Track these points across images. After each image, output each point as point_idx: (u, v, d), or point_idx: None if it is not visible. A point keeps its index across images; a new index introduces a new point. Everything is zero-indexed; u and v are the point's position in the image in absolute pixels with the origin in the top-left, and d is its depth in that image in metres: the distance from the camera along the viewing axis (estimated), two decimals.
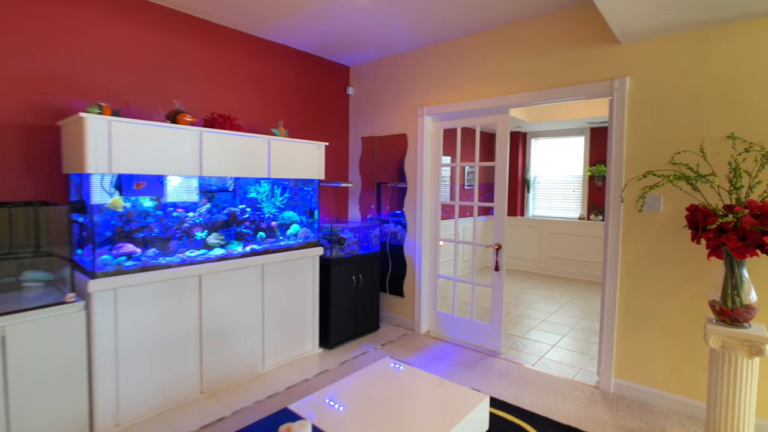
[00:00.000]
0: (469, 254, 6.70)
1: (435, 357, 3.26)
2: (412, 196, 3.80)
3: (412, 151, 3.76)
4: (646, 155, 2.58)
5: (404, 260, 3.88)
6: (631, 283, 2.67)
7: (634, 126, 2.62)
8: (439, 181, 3.71)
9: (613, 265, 2.72)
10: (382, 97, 3.99)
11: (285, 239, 3.12)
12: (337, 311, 3.37)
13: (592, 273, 6.14)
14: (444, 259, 5.82)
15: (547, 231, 6.55)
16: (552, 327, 4.06)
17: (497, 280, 3.34)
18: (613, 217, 2.71)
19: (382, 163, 4.03)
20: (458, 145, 3.58)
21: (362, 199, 4.21)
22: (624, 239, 2.69)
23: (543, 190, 6.84)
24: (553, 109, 5.70)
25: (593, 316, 4.41)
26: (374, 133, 4.07)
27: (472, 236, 6.58)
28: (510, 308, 4.66)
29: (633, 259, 2.66)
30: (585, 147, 6.34)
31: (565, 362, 3.24)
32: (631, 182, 2.61)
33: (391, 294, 4.00)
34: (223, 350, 2.68)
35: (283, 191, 3.20)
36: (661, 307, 2.57)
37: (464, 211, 6.37)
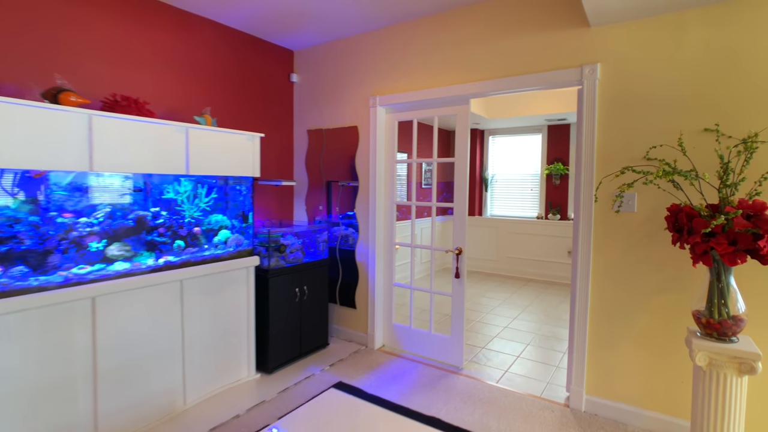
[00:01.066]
0: (428, 255, 6.41)
1: (390, 377, 2.89)
2: (364, 195, 3.41)
3: (364, 145, 3.37)
4: (619, 150, 2.34)
5: (356, 267, 3.48)
6: (602, 291, 2.43)
7: (606, 118, 2.38)
8: (394, 179, 3.34)
9: (584, 272, 2.46)
10: (331, 85, 3.57)
11: (211, 248, 2.62)
12: (277, 329, 2.91)
13: (550, 273, 6.04)
14: (401, 263, 5.48)
15: (505, 231, 6.40)
16: (514, 334, 3.81)
17: (458, 288, 3.03)
18: (584, 219, 2.45)
19: (331, 159, 3.61)
20: (414, 140, 3.23)
21: (309, 200, 3.77)
22: (596, 243, 2.44)
23: (501, 189, 6.68)
24: (513, 104, 5.51)
25: (555, 320, 4.23)
26: (322, 125, 3.64)
27: (430, 239, 6.29)
28: (470, 314, 4.39)
29: (605, 264, 2.42)
30: (542, 145, 6.24)
31: (531, 376, 2.98)
32: (606, 179, 2.36)
33: (342, 305, 3.59)
34: (128, 389, 2.16)
35: (210, 191, 2.70)
36: (636, 316, 2.34)
37: (422, 211, 6.07)
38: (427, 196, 6.29)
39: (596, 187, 2.36)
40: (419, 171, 6.05)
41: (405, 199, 5.77)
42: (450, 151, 6.67)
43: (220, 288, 2.58)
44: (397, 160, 3.32)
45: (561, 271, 5.95)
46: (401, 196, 5.75)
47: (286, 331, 2.98)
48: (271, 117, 3.62)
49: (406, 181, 5.75)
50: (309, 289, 3.16)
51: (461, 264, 2.98)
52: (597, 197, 2.36)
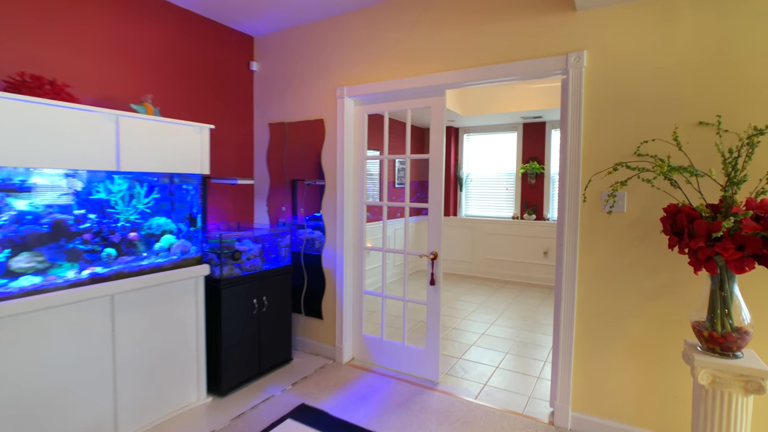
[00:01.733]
0: (401, 258, 6.16)
1: (360, 396, 2.61)
2: (331, 195, 3.11)
3: (331, 140, 3.08)
4: (608, 146, 2.15)
5: (322, 274, 3.18)
6: (590, 298, 2.23)
7: (593, 110, 2.18)
8: (364, 177, 3.07)
9: (569, 277, 2.26)
10: (294, 74, 3.25)
11: (151, 256, 2.27)
12: (231, 346, 2.58)
13: (527, 274, 5.91)
14: (372, 266, 5.21)
15: (481, 231, 6.23)
16: (492, 342, 3.61)
17: (433, 296, 2.78)
18: (569, 220, 2.25)
19: (295, 155, 3.29)
20: (386, 135, 2.96)
21: (272, 200, 3.44)
22: (582, 246, 2.24)
23: (476, 188, 6.52)
24: (488, 101, 5.34)
25: (533, 325, 4.06)
26: (285, 118, 3.32)
27: (403, 241, 6.05)
28: (446, 320, 4.16)
29: (593, 268, 2.22)
30: (518, 143, 6.10)
31: (511, 389, 2.76)
32: (597, 177, 2.15)
33: (308, 315, 3.29)
34: (39, 428, 1.79)
35: (151, 190, 2.35)
36: (626, 325, 2.15)
37: (395, 212, 5.82)
38: (401, 196, 6.05)
39: (585, 186, 2.15)
40: (392, 169, 5.80)
41: (377, 199, 5.50)
42: (424, 149, 6.45)
43: (162, 302, 2.24)
44: (367, 157, 3.05)
45: (537, 272, 5.83)
46: (373, 196, 5.48)
47: (242, 347, 2.65)
48: (228, 109, 3.27)
49: (378, 180, 5.48)
50: (269, 299, 2.84)
51: (437, 270, 2.74)
52: (585, 197, 2.16)
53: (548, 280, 5.75)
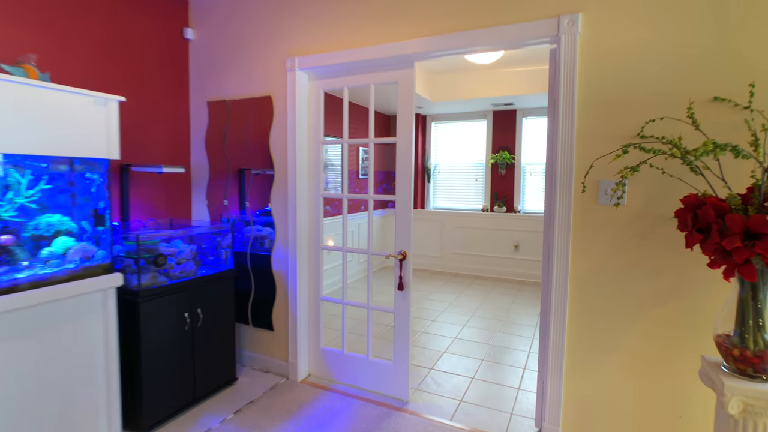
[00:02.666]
0: (364, 256, 5.77)
1: (317, 424, 2.20)
2: (281, 186, 2.65)
3: (281, 121, 2.61)
4: (605, 126, 1.82)
5: (273, 278, 2.73)
6: (582, 305, 1.92)
7: (588, 84, 1.85)
8: (320, 165, 2.63)
9: (560, 282, 1.93)
10: (237, 42, 2.75)
11: (37, 265, 1.75)
12: (154, 371, 2.09)
13: (497, 269, 5.67)
14: (331, 265, 4.79)
15: (450, 225, 5.93)
16: (466, 347, 3.29)
17: (401, 302, 2.40)
18: (561, 215, 1.91)
19: (238, 139, 2.80)
20: (345, 115, 2.53)
21: (212, 193, 2.93)
22: (575, 245, 1.91)
23: (444, 179, 6.20)
24: (458, 85, 4.99)
25: (508, 326, 3.78)
26: (226, 95, 2.82)
27: (366, 239, 5.66)
28: (414, 323, 3.81)
29: (586, 271, 1.91)
30: (487, 132, 5.82)
31: (491, 404, 2.44)
32: (599, 162, 1.82)
33: (256, 326, 2.83)
34: None
35: (38, 179, 1.81)
36: (624, 337, 1.85)
37: (358, 204, 5.40)
38: (366, 187, 5.63)
39: (585, 173, 1.82)
40: (355, 158, 5.36)
41: (338, 190, 5.06)
42: (390, 137, 6.04)
43: (53, 323, 1.72)
44: (324, 141, 2.61)
45: (508, 266, 5.60)
46: (335, 188, 5.03)
47: (170, 371, 2.17)
48: (157, 84, 2.72)
49: (340, 170, 5.04)
50: (206, 310, 2.36)
51: (406, 272, 2.35)
52: (585, 186, 1.83)
53: (519, 274, 5.54)
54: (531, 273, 5.47)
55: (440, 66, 4.74)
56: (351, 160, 5.27)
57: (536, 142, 5.57)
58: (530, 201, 5.66)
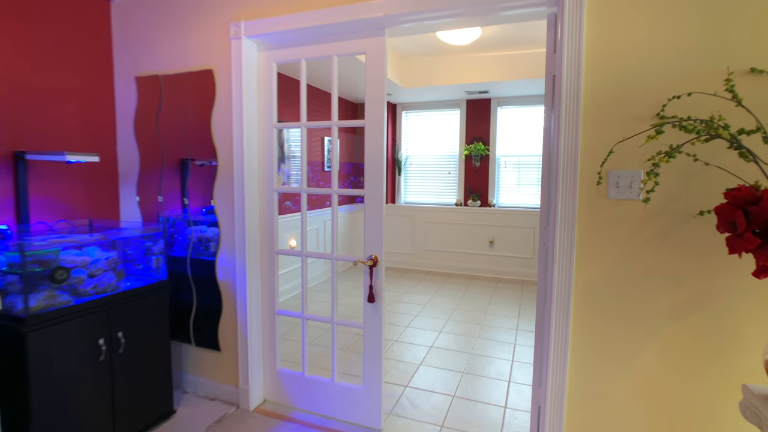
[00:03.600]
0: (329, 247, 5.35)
1: None
2: (226, 180, 2.21)
3: (225, 100, 2.16)
4: (621, 104, 1.51)
5: (218, 289, 2.29)
6: (589, 319, 1.61)
7: (596, 54, 1.52)
8: (273, 154, 2.20)
9: (562, 292, 1.62)
10: (171, 5, 2.27)
11: None
12: (50, 420, 1.63)
13: (472, 266, 5.40)
14: (291, 269, 4.36)
15: (422, 220, 5.61)
16: (444, 357, 2.96)
17: (372, 316, 2.03)
18: (563, 212, 1.59)
19: (174, 123, 2.33)
20: (303, 93, 2.11)
21: (144, 187, 2.45)
22: (580, 248, 1.60)
23: (416, 172, 5.86)
24: (431, 71, 4.64)
25: (487, 329, 3.49)
26: (158, 69, 2.33)
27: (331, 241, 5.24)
28: (387, 330, 3.46)
29: (593, 279, 1.60)
30: (461, 122, 5.52)
31: (475, 429, 2.12)
32: (620, 146, 1.50)
33: (200, 346, 2.38)
34: None
35: None
36: (638, 355, 1.56)
37: (323, 200, 4.98)
38: (330, 181, 5.21)
39: (603, 160, 1.49)
40: (320, 148, 4.92)
41: (297, 184, 4.61)
42: (356, 128, 5.63)
43: None
44: (277, 125, 2.18)
45: (483, 263, 5.35)
46: (298, 181, 4.58)
47: (75, 416, 1.70)
48: (66, 52, 2.20)
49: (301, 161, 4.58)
50: (130, 333, 1.91)
51: (377, 280, 1.98)
52: (601, 177, 1.50)
53: (495, 271, 5.30)
54: (507, 270, 5.24)
55: (412, 49, 4.37)
56: (315, 151, 4.83)
57: (512, 132, 5.32)
58: (505, 194, 5.42)
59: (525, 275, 5.17)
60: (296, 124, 2.13)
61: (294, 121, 3.70)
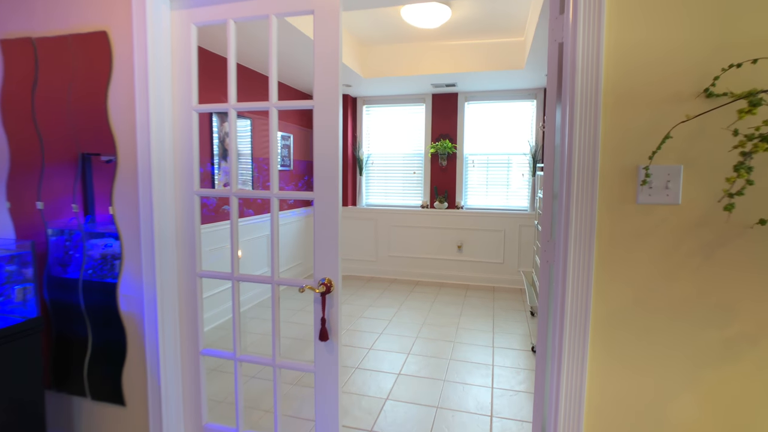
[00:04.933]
0: (284, 245, 4.84)
1: None
2: (129, 180, 1.67)
3: (125, 74, 1.62)
4: (656, 80, 1.13)
5: (121, 323, 1.74)
6: (610, 364, 1.23)
7: (623, 14, 1.14)
8: (193, 145, 1.68)
9: (576, 332, 1.22)
10: None
11: None
12: None
13: (439, 273, 5.03)
14: (221, 290, 3.80)
15: (385, 223, 5.18)
16: (415, 389, 2.53)
17: (326, 357, 1.55)
18: (577, 224, 1.19)
19: (55, 102, 1.74)
20: (232, 69, 1.60)
21: (17, 189, 1.84)
22: (599, 271, 1.21)
23: (378, 172, 5.42)
24: (394, 60, 4.22)
25: (461, 349, 3.11)
26: (31, 28, 1.74)
27: (290, 246, 4.70)
28: (347, 355, 2.99)
29: (617, 307, 1.21)
30: (426, 118, 5.14)
31: None
32: (633, 137, 1.12)
33: (98, 400, 1.81)
34: None
35: None
36: (674, 405, 1.19)
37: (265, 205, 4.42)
38: (284, 183, 4.66)
39: (657, 147, 1.09)
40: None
41: (246, 186, 4.05)
42: (304, 119, 5.12)
43: None
44: (198, 107, 1.66)
45: (451, 269, 4.99)
46: (245, 182, 4.01)
47: None
48: None
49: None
50: None
51: (332, 311, 1.51)
52: (649, 174, 1.11)
53: (464, 278, 4.95)
54: (477, 276, 4.91)
55: (374, 33, 3.92)
56: (265, 147, 4.28)
57: (480, 130, 5.00)
58: (474, 196, 5.09)
59: (496, 281, 4.86)
60: (222, 106, 1.62)
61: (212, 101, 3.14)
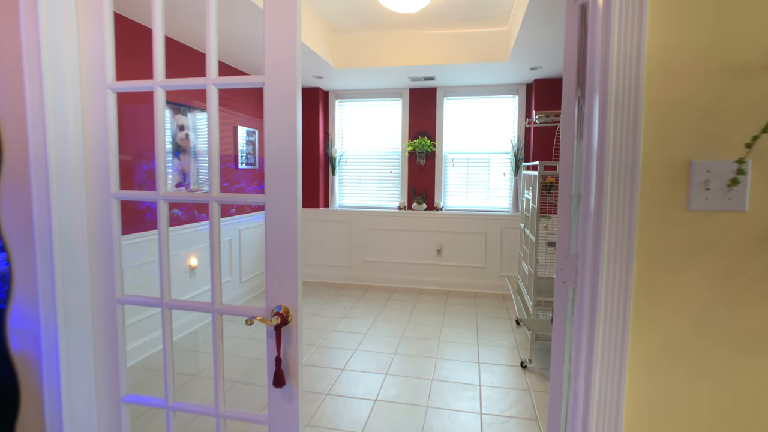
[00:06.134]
0: (233, 262, 4.44)
1: None
2: (18, 180, 1.27)
3: (5, 31, 1.22)
4: (713, 43, 0.85)
5: (11, 366, 1.34)
6: (653, 419, 0.94)
7: None
8: (109, 135, 1.30)
9: (609, 372, 0.93)
10: None
11: None
12: None
13: (417, 278, 4.74)
14: (143, 316, 3.42)
15: (360, 226, 4.85)
16: (395, 420, 2.21)
17: (284, 406, 1.21)
18: (611, 237, 0.90)
19: None
20: (158, 34, 1.23)
21: None
22: (639, 294, 0.92)
23: (352, 171, 5.08)
24: (369, 49, 3.89)
25: (443, 365, 2.81)
26: None
27: (258, 254, 4.29)
28: (317, 376, 2.64)
29: (661, 349, 0.92)
30: (403, 114, 4.83)
31: None
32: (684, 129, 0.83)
33: None
34: None
35: None
36: None
37: (227, 209, 4.02)
38: (244, 182, 4.26)
39: (756, 136, 0.80)
40: (232, 139, 3.95)
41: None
42: (255, 113, 4.72)
43: None
44: (114, 85, 1.28)
45: (431, 274, 4.71)
46: (203, 179, 3.59)
47: None
48: None
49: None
50: None
51: (289, 347, 1.17)
52: (742, 171, 0.82)
53: (444, 283, 4.68)
54: (457, 281, 4.64)
55: (347, 19, 3.58)
56: (226, 144, 3.87)
57: (460, 127, 4.73)
58: (453, 196, 4.82)
59: (477, 287, 4.61)
60: (145, 83, 1.25)
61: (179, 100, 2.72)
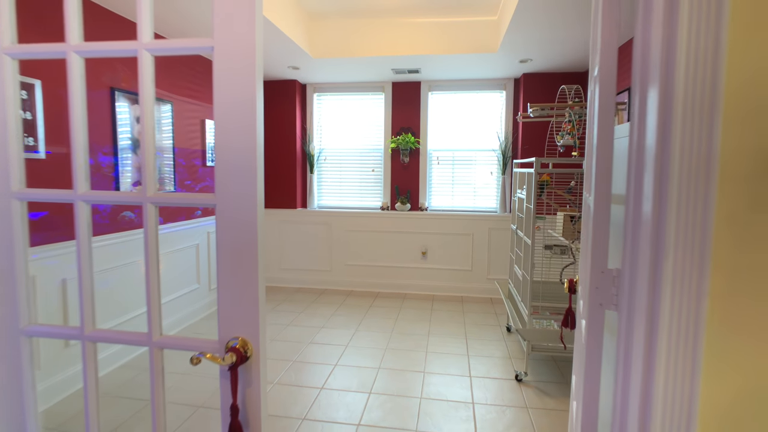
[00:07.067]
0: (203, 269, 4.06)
1: None
2: None
3: None
4: None
5: None
6: None
7: None
8: (8, 117, 1.00)
9: (674, 423, 0.69)
10: None
11: None
12: None
13: (401, 282, 4.50)
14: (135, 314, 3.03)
15: (341, 228, 4.58)
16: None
17: None
18: (677, 251, 0.66)
19: None
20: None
21: None
22: (714, 326, 0.68)
23: (332, 170, 4.80)
24: (349, 38, 3.62)
25: (432, 377, 2.57)
26: None
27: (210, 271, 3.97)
28: (293, 397, 2.36)
29: (746, 399, 0.69)
30: (386, 109, 4.58)
31: None
32: None
33: None
34: None
35: None
36: None
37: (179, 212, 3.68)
38: (208, 180, 3.92)
39: None
40: (199, 134, 3.62)
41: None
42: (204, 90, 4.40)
43: None
44: (12, 49, 0.98)
45: (415, 278, 4.47)
46: (165, 179, 3.26)
47: None
48: None
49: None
50: None
51: (248, 391, 0.90)
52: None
53: (429, 287, 4.45)
54: (443, 285, 4.43)
55: (325, 5, 3.30)
56: (192, 138, 3.54)
57: (445, 122, 4.51)
58: (438, 196, 4.60)
59: (464, 290, 4.40)
60: (54, 47, 0.95)
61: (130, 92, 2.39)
